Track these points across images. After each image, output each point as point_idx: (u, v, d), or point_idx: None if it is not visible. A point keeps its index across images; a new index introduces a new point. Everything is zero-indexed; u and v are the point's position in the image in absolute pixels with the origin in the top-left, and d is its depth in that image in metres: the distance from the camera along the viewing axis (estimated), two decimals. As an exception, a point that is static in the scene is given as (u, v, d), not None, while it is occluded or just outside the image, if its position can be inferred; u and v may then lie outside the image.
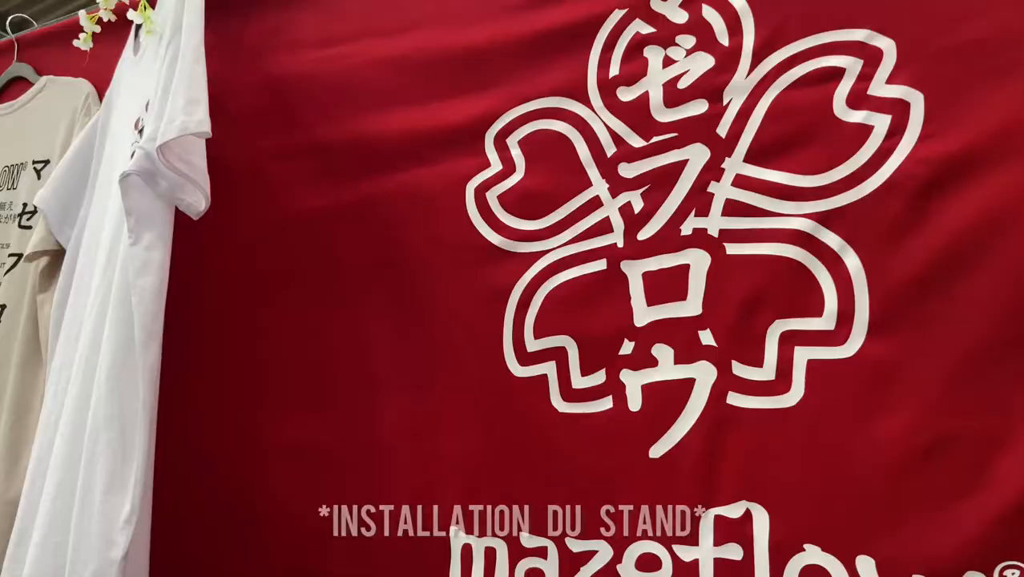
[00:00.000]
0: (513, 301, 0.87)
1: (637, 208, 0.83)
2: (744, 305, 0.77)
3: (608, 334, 0.82)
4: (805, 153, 0.76)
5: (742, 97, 0.79)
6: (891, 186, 0.72)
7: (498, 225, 0.89)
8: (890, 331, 0.71)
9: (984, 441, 0.66)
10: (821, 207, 0.75)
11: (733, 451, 0.75)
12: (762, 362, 0.76)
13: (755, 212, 0.78)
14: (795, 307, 0.75)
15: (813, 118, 0.76)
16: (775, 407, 0.74)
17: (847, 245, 0.73)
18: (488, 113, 0.90)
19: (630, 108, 0.84)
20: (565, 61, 0.87)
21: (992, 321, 0.67)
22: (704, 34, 0.82)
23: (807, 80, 0.77)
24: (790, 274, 0.75)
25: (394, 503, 0.90)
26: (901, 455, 0.69)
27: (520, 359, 0.86)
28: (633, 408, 0.80)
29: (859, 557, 0.69)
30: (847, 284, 0.73)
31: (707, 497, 0.76)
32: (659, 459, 0.78)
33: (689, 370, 0.78)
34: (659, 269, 0.81)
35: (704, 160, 0.80)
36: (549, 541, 0.82)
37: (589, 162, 0.85)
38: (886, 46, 0.74)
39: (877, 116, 0.74)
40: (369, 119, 0.97)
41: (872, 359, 0.71)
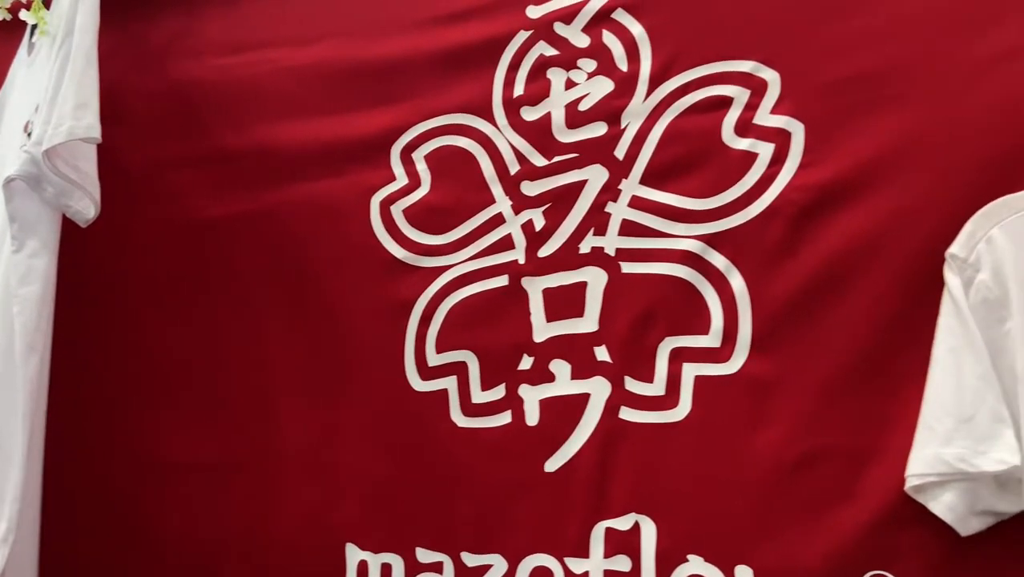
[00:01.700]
0: (416, 315, 0.89)
1: (538, 226, 0.86)
2: (637, 322, 0.81)
3: (508, 349, 0.85)
4: (696, 177, 0.81)
5: (639, 121, 0.84)
6: (773, 211, 0.78)
7: (402, 239, 0.91)
8: (770, 349, 0.76)
9: (854, 455, 0.72)
10: (709, 229, 0.80)
11: (624, 465, 0.79)
12: (653, 378, 0.80)
13: (649, 232, 0.82)
14: (684, 325, 0.79)
15: (703, 144, 0.81)
16: (664, 421, 0.78)
17: (732, 266, 0.78)
18: (395, 127, 0.93)
19: (533, 127, 0.88)
20: (471, 79, 0.91)
21: (862, 340, 0.73)
22: (604, 59, 0.86)
23: (699, 107, 0.82)
24: (680, 293, 0.80)
25: (290, 518, 0.91)
26: (777, 468, 0.74)
27: (421, 373, 0.88)
28: (530, 423, 0.83)
29: (738, 567, 0.73)
30: (732, 303, 0.78)
31: (599, 510, 0.79)
32: (554, 473, 0.81)
33: (585, 385, 0.82)
34: (558, 286, 0.85)
35: (603, 181, 0.85)
36: (445, 556, 0.84)
37: (493, 179, 0.89)
38: (771, 77, 0.80)
39: (762, 144, 0.79)
40: (274, 129, 0.98)
41: (753, 376, 0.76)
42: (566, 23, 0.88)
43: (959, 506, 0.65)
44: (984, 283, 0.66)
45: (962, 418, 0.65)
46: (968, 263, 0.67)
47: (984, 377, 0.65)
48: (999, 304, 0.65)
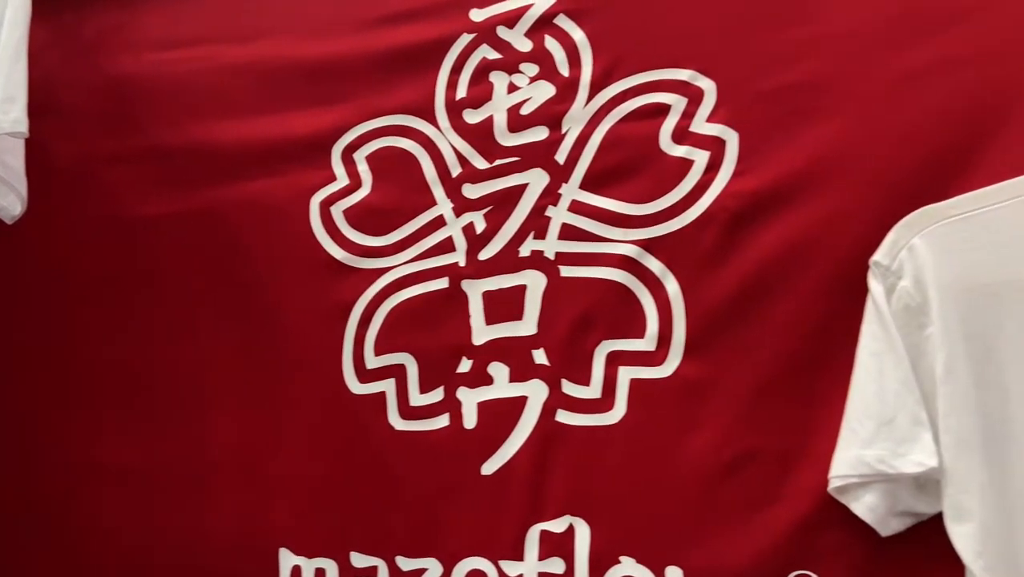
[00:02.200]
0: (355, 317, 0.89)
1: (479, 228, 0.87)
2: (575, 326, 0.82)
3: (447, 352, 0.86)
4: (634, 183, 0.83)
5: (579, 126, 0.85)
6: (708, 217, 0.79)
7: (342, 240, 0.91)
8: (703, 353, 0.78)
9: (782, 457, 0.74)
10: (646, 234, 0.81)
11: (560, 467, 0.80)
12: (589, 381, 0.81)
13: (588, 237, 0.83)
14: (621, 328, 0.81)
15: (642, 150, 0.83)
16: (599, 424, 0.80)
17: (668, 271, 0.80)
18: (336, 127, 0.93)
19: (475, 130, 0.89)
20: (414, 80, 0.91)
21: (791, 344, 0.75)
22: (546, 63, 0.87)
23: (638, 114, 0.84)
24: (617, 297, 0.81)
25: (223, 523, 0.90)
26: (709, 471, 0.75)
27: (359, 376, 0.88)
28: (468, 426, 0.84)
29: (669, 567, 0.75)
30: (667, 308, 0.80)
31: (534, 512, 0.80)
32: (491, 476, 0.82)
33: (522, 388, 0.83)
34: (498, 289, 0.85)
35: (543, 185, 0.86)
36: (379, 560, 0.84)
37: (435, 181, 0.89)
38: (707, 86, 0.82)
39: (697, 152, 0.81)
40: (212, 126, 0.97)
41: (686, 379, 0.78)
42: (509, 27, 0.89)
43: (880, 507, 0.68)
44: (906, 290, 0.69)
45: (883, 421, 0.68)
46: (891, 270, 0.70)
47: (905, 381, 0.68)
48: (919, 310, 0.68)
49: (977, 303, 0.66)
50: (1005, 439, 0.64)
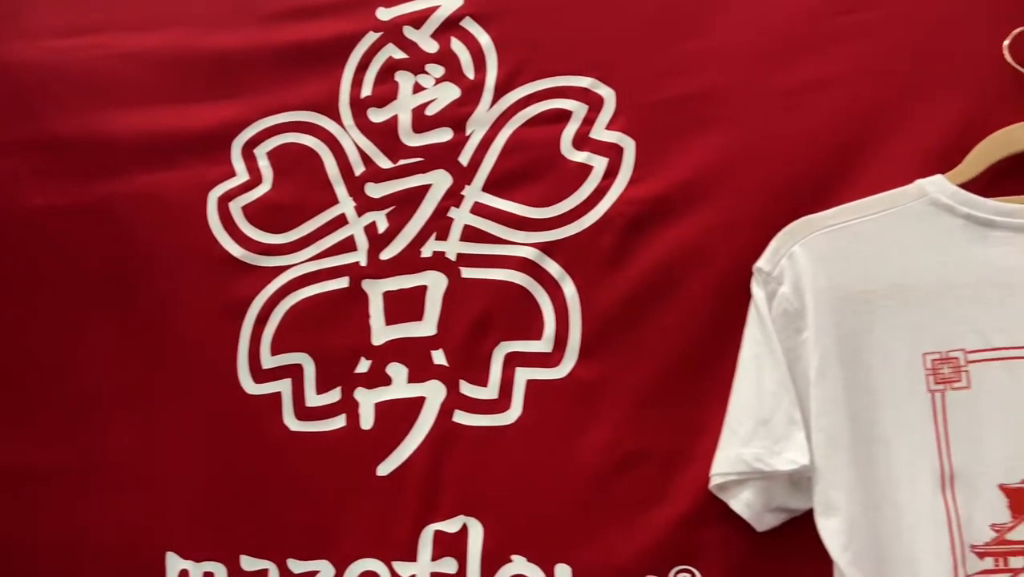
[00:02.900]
0: (251, 316, 0.89)
1: (381, 228, 0.88)
2: (475, 327, 0.84)
3: (345, 352, 0.86)
4: (535, 186, 0.85)
5: (483, 129, 0.87)
6: (605, 222, 0.82)
7: (240, 237, 0.90)
8: (597, 355, 0.80)
9: (668, 456, 0.77)
10: (546, 237, 0.84)
11: (456, 467, 0.82)
12: (487, 382, 0.83)
13: (489, 239, 0.85)
14: (519, 330, 0.83)
15: (543, 155, 0.85)
16: (495, 425, 0.82)
17: (566, 274, 0.82)
18: (237, 121, 0.93)
19: (380, 129, 0.90)
20: (319, 77, 0.92)
21: (680, 347, 0.79)
22: (452, 65, 0.89)
23: (540, 119, 0.86)
24: (517, 299, 0.83)
25: (110, 527, 0.88)
26: (599, 470, 0.78)
27: (255, 376, 0.88)
28: (365, 426, 0.84)
29: (558, 565, 0.77)
30: (564, 310, 0.82)
31: (429, 513, 0.81)
32: (386, 477, 0.83)
33: (421, 389, 0.84)
34: (399, 289, 0.87)
35: (446, 186, 0.87)
36: (270, 562, 0.83)
37: (337, 179, 0.90)
38: (607, 94, 0.85)
39: (597, 158, 0.84)
40: (108, 117, 0.96)
41: (580, 380, 0.80)
42: (415, 27, 0.90)
43: (756, 503, 0.71)
44: (785, 296, 0.73)
45: (761, 420, 0.71)
46: (772, 277, 0.74)
47: (781, 383, 0.72)
48: (797, 315, 0.72)
49: (849, 309, 0.71)
50: (871, 438, 0.69)
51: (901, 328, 0.70)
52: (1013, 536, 0.65)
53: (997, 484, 0.65)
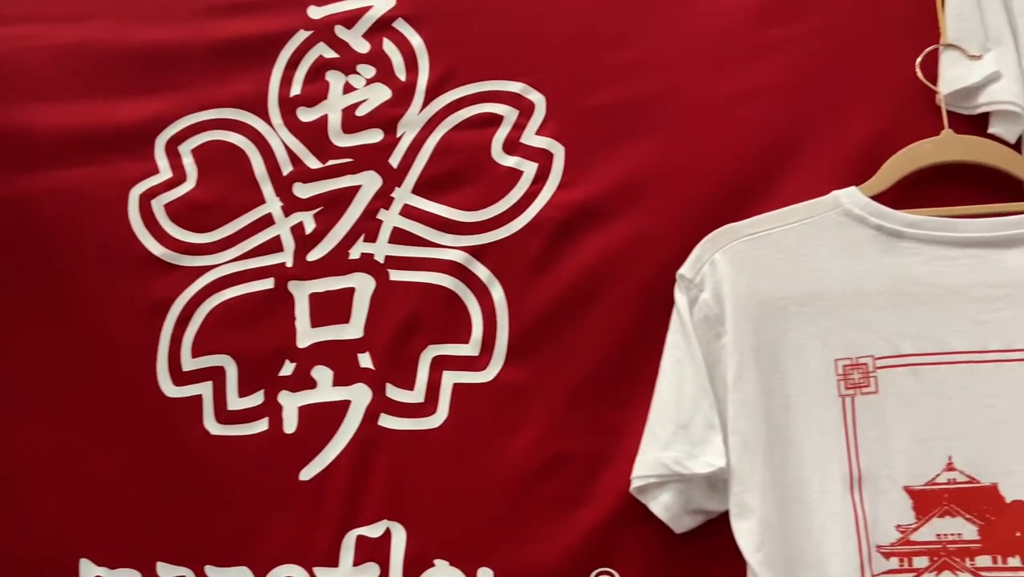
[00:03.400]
0: (172, 317, 0.88)
1: (309, 229, 0.88)
2: (402, 330, 0.84)
3: (269, 354, 0.86)
4: (465, 190, 0.86)
5: (414, 131, 0.88)
6: (534, 227, 0.84)
7: (162, 236, 0.89)
8: (523, 359, 0.81)
9: (592, 459, 0.78)
10: (475, 241, 0.85)
11: (380, 472, 0.82)
12: (414, 385, 0.83)
13: (418, 241, 0.86)
14: (447, 333, 0.84)
15: (474, 158, 0.86)
16: (421, 428, 0.82)
17: (494, 277, 0.84)
18: (161, 117, 0.92)
19: (309, 129, 0.90)
20: (247, 74, 0.91)
21: (605, 352, 0.80)
22: (384, 66, 0.90)
23: (471, 123, 0.87)
24: (445, 302, 0.84)
25: (19, 532, 0.86)
26: (523, 473, 0.79)
27: (174, 378, 0.87)
28: (288, 430, 0.84)
29: (480, 569, 0.78)
30: (492, 314, 0.83)
31: (352, 518, 0.81)
32: (309, 481, 0.83)
33: (346, 392, 0.84)
34: (325, 291, 0.86)
35: (376, 188, 0.88)
36: (187, 569, 0.82)
37: (264, 178, 0.89)
38: (538, 100, 0.86)
39: (527, 163, 0.85)
40: (28, 110, 0.94)
41: (507, 384, 0.81)
42: (347, 27, 0.91)
43: (674, 505, 0.73)
44: (706, 302, 0.75)
45: (681, 424, 0.74)
46: (694, 283, 0.76)
47: (701, 387, 0.74)
48: (717, 321, 0.74)
49: (767, 315, 0.73)
50: (785, 441, 0.71)
51: (815, 334, 0.72)
52: (917, 537, 0.68)
53: (902, 486, 0.69)
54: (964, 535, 0.66)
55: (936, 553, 0.67)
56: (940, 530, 0.67)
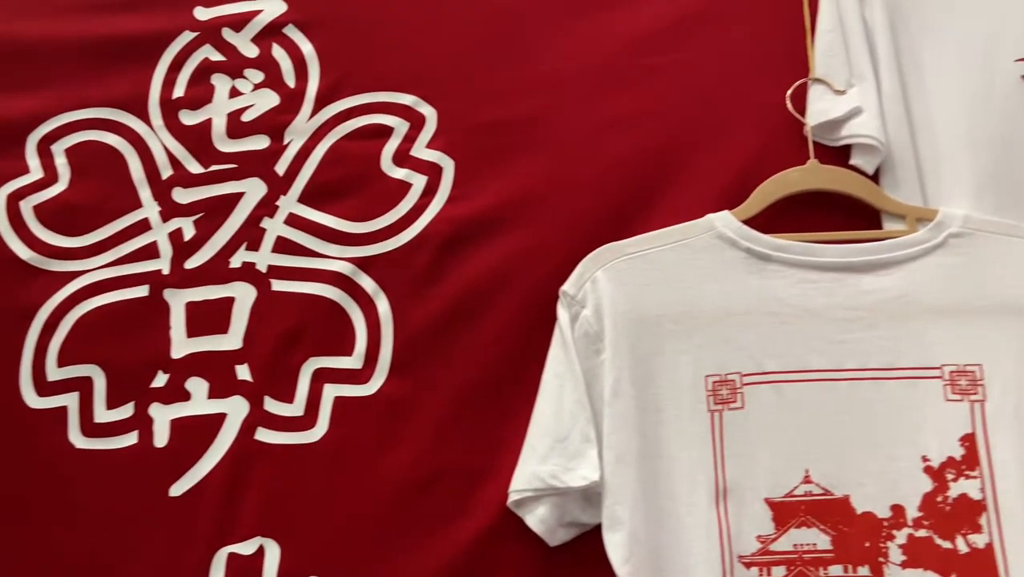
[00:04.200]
0: (37, 324, 0.85)
1: (188, 235, 0.87)
2: (283, 341, 0.84)
3: (141, 365, 0.84)
4: (353, 200, 0.87)
5: (302, 139, 0.88)
6: (421, 240, 0.86)
7: (30, 239, 0.87)
8: (407, 372, 0.83)
9: (472, 473, 0.80)
10: (362, 252, 0.86)
11: (255, 487, 0.81)
12: (293, 398, 0.83)
13: (303, 251, 0.86)
14: (329, 346, 0.84)
15: (362, 169, 0.88)
16: (300, 442, 0.82)
17: (380, 290, 0.85)
18: (34, 114, 0.89)
19: (191, 132, 0.89)
20: (127, 73, 0.90)
21: (488, 366, 0.82)
22: (272, 72, 0.90)
23: (361, 133, 0.89)
24: (328, 314, 0.85)
25: None
26: (404, 487, 0.80)
27: (38, 389, 0.84)
28: (159, 444, 0.83)
29: (357, 584, 0.79)
30: (376, 326, 0.84)
31: (224, 535, 0.80)
32: (179, 497, 0.81)
33: (221, 405, 0.83)
34: (203, 300, 0.86)
35: (260, 195, 0.88)
36: (45, 591, 0.79)
37: (142, 182, 0.88)
38: (429, 113, 0.88)
39: (416, 175, 0.87)
40: None
41: (389, 397, 0.82)
42: (235, 30, 0.91)
43: (549, 519, 0.75)
44: (587, 318, 0.78)
45: (558, 438, 0.76)
46: (576, 300, 0.79)
47: (579, 402, 0.77)
48: (597, 337, 0.77)
49: (644, 332, 0.77)
50: (657, 455, 0.75)
51: (687, 351, 0.77)
52: (776, 547, 0.72)
53: (764, 498, 0.73)
54: (818, 545, 0.71)
55: (792, 563, 0.71)
56: (797, 540, 0.72)
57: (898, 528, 0.70)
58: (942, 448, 0.71)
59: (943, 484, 0.70)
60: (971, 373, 0.72)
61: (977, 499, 0.70)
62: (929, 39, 0.84)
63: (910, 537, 0.70)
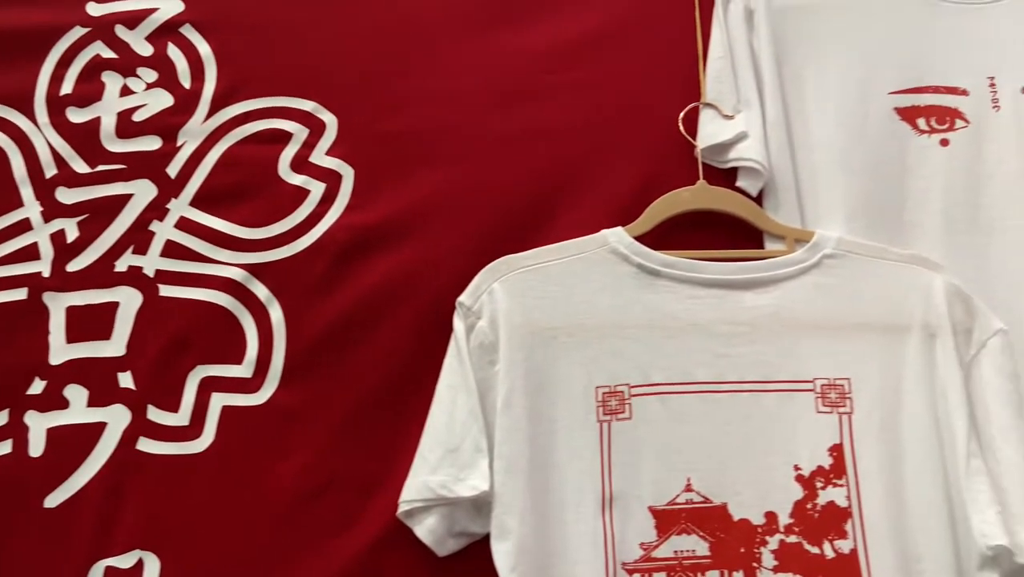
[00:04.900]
0: (-99, 327, 0.81)
1: (71, 237, 0.85)
2: (170, 349, 0.84)
3: (17, 371, 0.82)
4: (248, 206, 0.87)
5: (196, 141, 0.88)
6: (318, 247, 0.86)
7: (-99, 237, 0.83)
8: (299, 381, 0.83)
9: (363, 484, 0.81)
10: (255, 259, 0.86)
11: (135, 499, 0.80)
12: (178, 407, 0.82)
13: (194, 256, 0.86)
14: (218, 354, 0.84)
15: (259, 174, 0.88)
16: (184, 453, 0.81)
17: (273, 297, 0.85)
18: (-95, 108, 0.86)
19: (79, 131, 0.88)
20: (14, 68, 0.89)
21: (383, 376, 0.83)
22: (167, 72, 0.90)
23: (258, 137, 0.89)
24: (218, 321, 0.84)
25: None
26: (292, 498, 0.80)
27: (-99, 395, 0.80)
28: (34, 453, 0.80)
29: (240, 596, 0.78)
30: (268, 335, 0.84)
31: (100, 548, 0.78)
32: (54, 509, 0.79)
33: (102, 413, 0.82)
34: (85, 305, 0.84)
35: (150, 197, 0.87)
36: (-97, 609, 0.76)
37: (24, 180, 0.86)
38: (329, 120, 0.89)
39: (314, 182, 0.88)
40: None
41: (280, 407, 0.83)
42: (129, 28, 0.90)
43: (439, 529, 0.77)
44: (482, 329, 0.80)
45: (450, 448, 0.78)
46: (472, 311, 0.81)
47: (472, 412, 0.79)
48: (492, 348, 0.80)
49: (538, 344, 0.80)
50: (548, 465, 0.78)
51: (579, 363, 0.80)
52: (657, 553, 0.76)
53: (648, 506, 0.77)
54: (697, 551, 0.75)
55: (673, 569, 0.75)
56: (677, 547, 0.75)
57: (771, 534, 0.75)
58: (812, 458, 0.76)
59: (813, 492, 0.75)
60: (840, 386, 0.78)
61: (843, 506, 0.75)
62: (811, 70, 0.90)
63: (781, 543, 0.75)
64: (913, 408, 0.77)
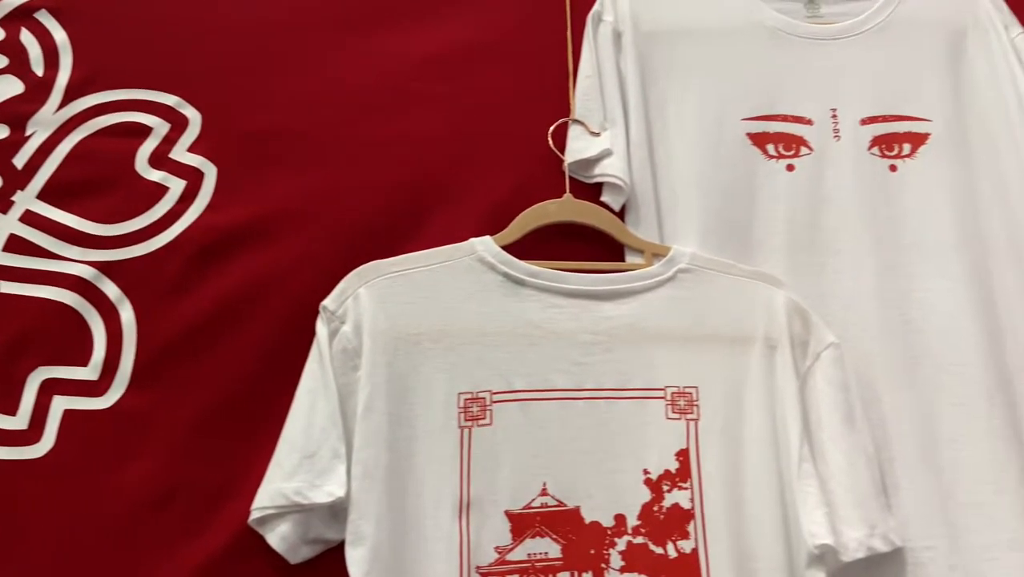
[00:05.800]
0: None
1: (-100, 227, 0.81)
2: (8, 349, 0.81)
3: None
4: (101, 201, 0.86)
5: (47, 132, 0.86)
6: (175, 247, 0.86)
7: None
8: (149, 384, 0.82)
9: (215, 490, 0.80)
10: (106, 256, 0.84)
11: (-35, 506, 0.76)
12: (16, 410, 0.79)
13: (39, 252, 0.84)
14: (62, 355, 0.82)
15: (114, 168, 0.87)
16: (22, 458, 0.79)
17: (125, 297, 0.84)
18: None
19: (-85, 116, 0.83)
20: None
21: (240, 380, 0.83)
22: (18, 58, 0.88)
23: (115, 130, 0.88)
24: (64, 321, 0.83)
25: None
26: (137, 505, 0.79)
27: None
28: None
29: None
30: (118, 336, 0.83)
31: (-82, 562, 0.74)
32: None
33: (-72, 416, 0.77)
34: (-86, 299, 0.80)
35: (-7, 188, 0.83)
36: None
37: None
38: (193, 116, 0.89)
39: (174, 179, 0.87)
40: None
41: (127, 411, 0.81)
42: (-22, 10, 0.87)
43: (292, 536, 0.77)
44: (346, 334, 0.82)
45: (307, 454, 0.78)
46: (336, 315, 0.82)
47: (332, 417, 0.79)
48: (355, 353, 0.81)
49: (402, 350, 0.82)
50: (407, 471, 0.79)
51: (443, 369, 0.82)
52: (512, 556, 0.79)
53: (504, 510, 0.79)
54: (549, 553, 0.79)
55: (525, 571, 0.78)
56: (531, 550, 0.79)
57: (619, 536, 0.79)
58: (661, 462, 0.81)
59: (659, 495, 0.80)
60: (688, 394, 0.84)
61: (687, 508, 0.81)
62: (674, 93, 0.97)
63: (629, 544, 0.79)
64: (753, 415, 0.83)
